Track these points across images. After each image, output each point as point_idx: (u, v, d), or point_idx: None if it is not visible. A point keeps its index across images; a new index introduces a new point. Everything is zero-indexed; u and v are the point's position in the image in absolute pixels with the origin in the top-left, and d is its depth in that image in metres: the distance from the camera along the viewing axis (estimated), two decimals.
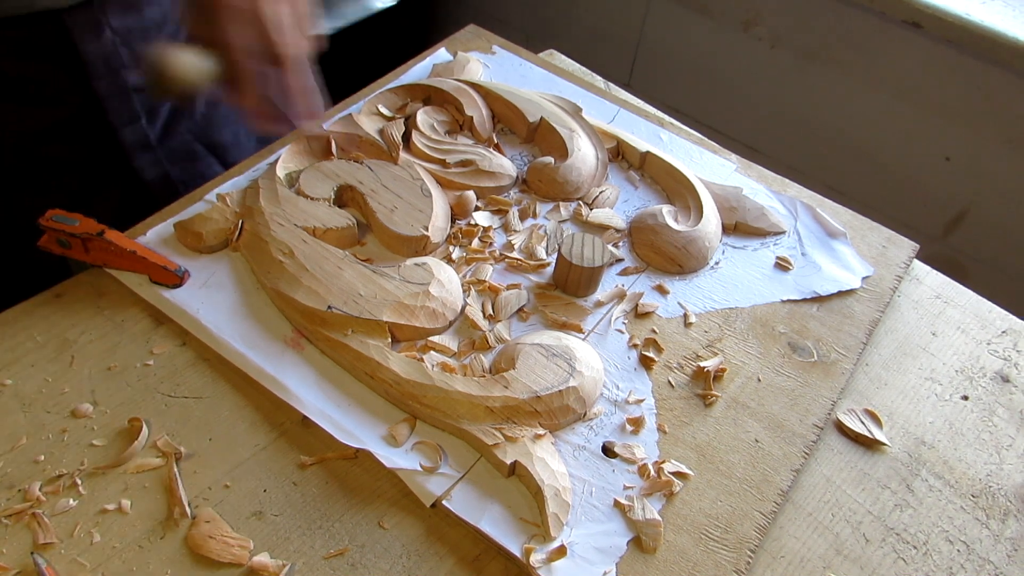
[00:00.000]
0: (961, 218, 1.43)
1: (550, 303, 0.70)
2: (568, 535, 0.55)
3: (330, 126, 0.82)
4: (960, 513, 0.62)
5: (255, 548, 0.53)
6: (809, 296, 0.74)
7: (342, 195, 0.76)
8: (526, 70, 0.95)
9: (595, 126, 0.86)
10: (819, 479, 0.63)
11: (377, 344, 0.63)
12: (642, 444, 0.61)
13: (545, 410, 0.60)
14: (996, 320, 0.76)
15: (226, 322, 0.65)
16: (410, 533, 0.55)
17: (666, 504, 0.58)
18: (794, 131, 1.56)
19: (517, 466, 0.57)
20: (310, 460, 0.58)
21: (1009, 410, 0.69)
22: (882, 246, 0.79)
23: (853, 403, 0.68)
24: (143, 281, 0.67)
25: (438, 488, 0.57)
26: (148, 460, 0.57)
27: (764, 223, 0.79)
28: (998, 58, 1.24)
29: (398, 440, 0.59)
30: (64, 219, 0.66)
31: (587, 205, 0.79)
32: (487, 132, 0.85)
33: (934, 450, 0.65)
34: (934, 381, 0.71)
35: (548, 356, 0.63)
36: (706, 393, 0.65)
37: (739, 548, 0.56)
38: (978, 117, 1.32)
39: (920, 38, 1.31)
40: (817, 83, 1.48)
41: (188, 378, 0.62)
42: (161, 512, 0.55)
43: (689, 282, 0.74)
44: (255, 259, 0.69)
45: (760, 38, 1.51)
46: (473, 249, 0.73)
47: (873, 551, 0.59)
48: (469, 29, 1.01)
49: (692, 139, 0.89)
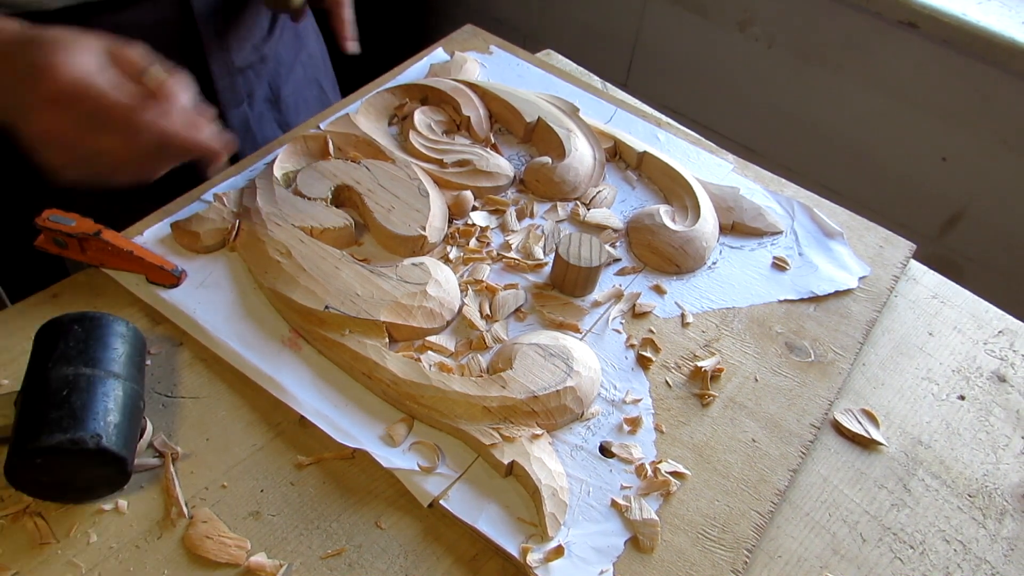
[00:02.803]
0: (957, 218, 1.43)
1: (547, 303, 0.70)
2: (565, 535, 0.55)
3: (327, 126, 0.82)
4: (957, 513, 0.62)
5: (252, 548, 0.53)
6: (806, 296, 0.74)
7: (339, 195, 0.75)
8: (523, 70, 0.95)
9: (592, 126, 0.86)
10: (816, 479, 0.63)
11: (374, 344, 0.63)
12: (639, 444, 0.61)
13: (542, 410, 0.60)
14: (992, 320, 0.76)
15: (223, 322, 0.65)
16: (407, 533, 0.55)
17: (663, 504, 0.58)
18: (791, 131, 1.56)
19: (514, 466, 0.57)
20: (307, 460, 0.58)
21: (1005, 410, 0.69)
22: (879, 246, 0.80)
23: (850, 403, 0.68)
24: (140, 281, 0.67)
25: (435, 488, 0.57)
26: (145, 460, 0.57)
27: (761, 223, 0.79)
28: (994, 58, 1.24)
29: (395, 440, 0.59)
30: (61, 219, 0.66)
31: (584, 205, 0.79)
32: (484, 132, 0.85)
33: (931, 450, 0.66)
34: (931, 381, 0.71)
35: (545, 356, 0.63)
36: (703, 393, 0.65)
37: (736, 548, 0.56)
38: (974, 117, 1.33)
39: (916, 38, 1.31)
40: (814, 83, 1.48)
41: (185, 378, 0.62)
42: (158, 512, 0.54)
43: (686, 282, 0.74)
44: (252, 259, 0.69)
45: (756, 38, 1.51)
46: (470, 249, 0.73)
47: (870, 551, 0.59)
48: (466, 29, 1.01)
49: (689, 139, 0.89)
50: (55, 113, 0.52)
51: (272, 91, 0.94)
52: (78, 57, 0.52)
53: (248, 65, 0.89)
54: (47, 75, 0.50)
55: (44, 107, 0.52)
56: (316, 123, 0.83)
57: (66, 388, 0.51)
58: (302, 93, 0.99)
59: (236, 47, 0.86)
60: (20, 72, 0.51)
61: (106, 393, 0.52)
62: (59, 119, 0.52)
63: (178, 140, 0.56)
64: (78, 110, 0.52)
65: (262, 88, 0.92)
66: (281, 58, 0.94)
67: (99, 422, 0.50)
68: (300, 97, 0.98)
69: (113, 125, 0.53)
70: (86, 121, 0.53)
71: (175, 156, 0.58)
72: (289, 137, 0.80)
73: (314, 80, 1.02)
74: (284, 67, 0.95)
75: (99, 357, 0.53)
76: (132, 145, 0.54)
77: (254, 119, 0.91)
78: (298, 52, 0.97)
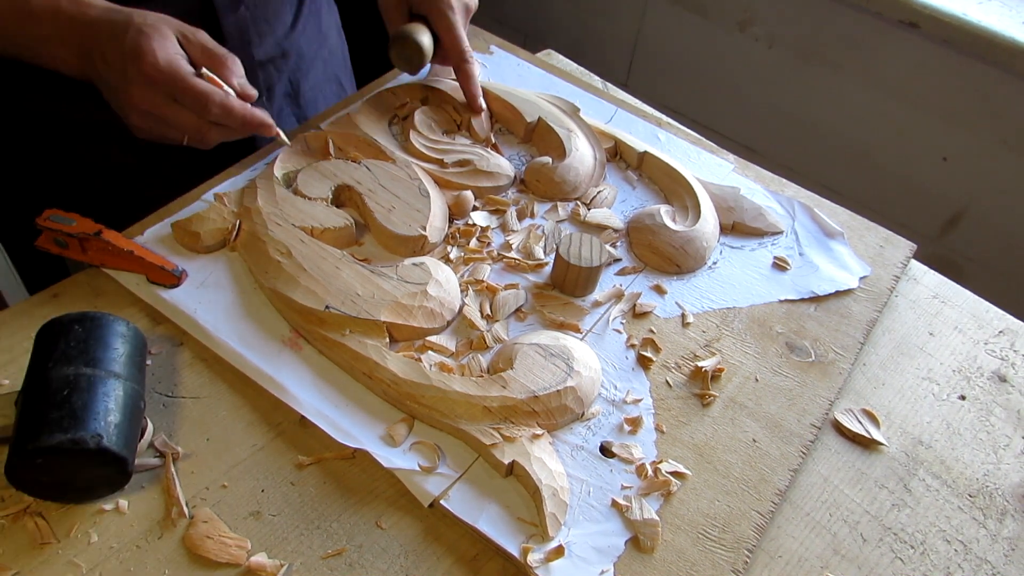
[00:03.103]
0: (958, 218, 1.43)
1: (548, 303, 0.70)
2: (566, 535, 0.55)
3: (328, 126, 0.82)
4: (957, 513, 0.62)
5: (253, 548, 0.53)
6: (807, 296, 0.74)
7: (340, 195, 0.76)
8: (524, 70, 0.95)
9: (593, 126, 0.86)
10: (817, 479, 0.63)
11: (375, 344, 0.63)
12: (640, 444, 0.61)
13: (543, 410, 0.60)
14: (993, 320, 0.76)
15: (224, 322, 0.65)
16: (408, 533, 0.55)
17: (664, 504, 0.58)
18: (791, 131, 1.56)
19: (515, 466, 0.57)
20: (308, 460, 0.58)
21: (1006, 410, 0.69)
22: (879, 246, 0.79)
23: (851, 403, 0.68)
24: (140, 281, 0.67)
25: (436, 488, 0.57)
26: (145, 460, 0.57)
27: (762, 223, 0.79)
28: (995, 58, 1.24)
29: (396, 440, 0.59)
30: (61, 219, 0.66)
31: (585, 205, 0.79)
32: (485, 132, 0.85)
33: (931, 450, 0.66)
34: (931, 381, 0.71)
35: (546, 356, 0.63)
36: (704, 393, 0.65)
37: (737, 548, 0.56)
38: (975, 117, 1.33)
39: (917, 38, 1.31)
40: (814, 83, 1.48)
41: (186, 378, 0.62)
42: (159, 512, 0.54)
43: (687, 282, 0.74)
44: (253, 259, 0.69)
45: (757, 38, 1.51)
46: (471, 249, 0.73)
47: (871, 551, 0.59)
48: (467, 29, 1.01)
49: (689, 139, 0.89)
50: (147, 89, 0.64)
51: (292, 86, 0.94)
52: (166, 43, 0.64)
53: (269, 59, 0.89)
54: (145, 58, 0.63)
55: (140, 82, 0.63)
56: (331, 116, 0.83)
57: (67, 388, 0.51)
58: (322, 89, 0.99)
59: (257, 41, 0.86)
60: (123, 51, 0.63)
61: (107, 393, 0.52)
62: (150, 94, 0.64)
63: (236, 117, 0.67)
64: (165, 90, 0.64)
65: (282, 83, 0.92)
66: (303, 53, 0.94)
67: (100, 422, 0.50)
68: (320, 92, 0.99)
69: (190, 103, 0.65)
70: (169, 98, 0.65)
71: (232, 131, 0.69)
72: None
73: (334, 76, 1.02)
74: (305, 62, 0.95)
75: (100, 357, 0.53)
76: (201, 120, 0.67)
77: (273, 114, 0.91)
78: (320, 48, 0.98)
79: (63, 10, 0.65)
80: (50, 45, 0.66)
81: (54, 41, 0.66)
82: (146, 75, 0.63)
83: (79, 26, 0.65)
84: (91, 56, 0.65)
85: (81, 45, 0.65)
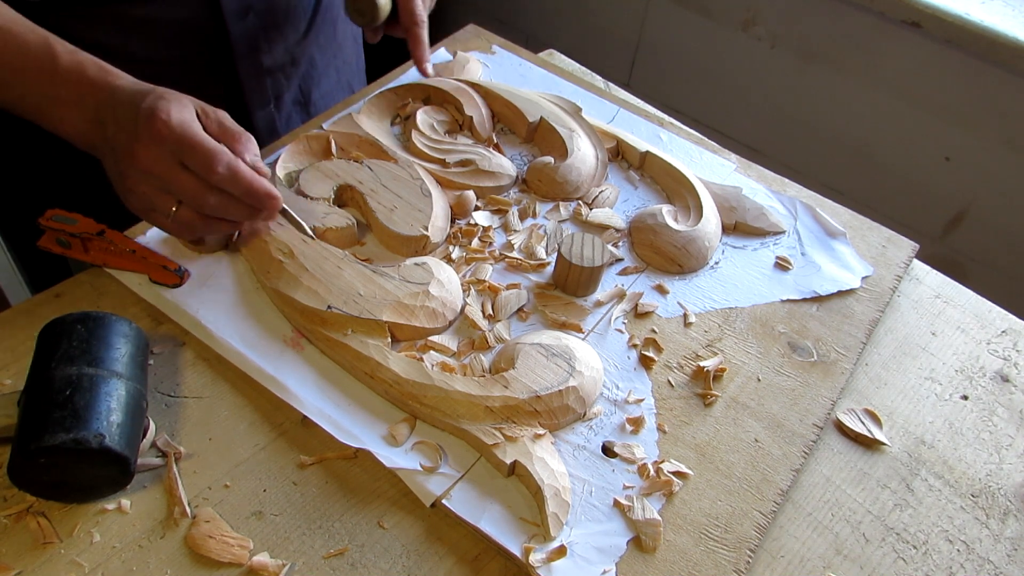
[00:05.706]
0: (960, 218, 1.43)
1: (550, 303, 0.70)
2: (568, 535, 0.55)
3: (330, 126, 0.82)
4: (960, 513, 0.62)
5: (255, 548, 0.53)
6: (809, 296, 0.74)
7: (342, 195, 0.76)
8: (526, 70, 0.95)
9: (595, 126, 0.86)
10: (819, 479, 0.63)
11: (377, 344, 0.63)
12: (642, 444, 0.61)
13: (545, 410, 0.60)
14: (996, 320, 0.76)
15: (226, 322, 0.65)
16: (410, 533, 0.55)
17: (666, 504, 0.58)
18: (793, 131, 1.56)
19: (517, 466, 0.57)
20: (310, 460, 0.58)
21: (1009, 410, 0.69)
22: (882, 246, 0.79)
23: (853, 403, 0.68)
24: (143, 281, 0.67)
25: (438, 488, 0.57)
26: (148, 460, 0.57)
27: (764, 223, 0.79)
28: (997, 58, 1.24)
29: (398, 440, 0.59)
30: (64, 219, 0.66)
31: (587, 205, 0.79)
32: (487, 132, 0.85)
33: (934, 450, 0.65)
34: (934, 381, 0.71)
35: (548, 356, 0.63)
36: (706, 393, 0.65)
37: (739, 548, 0.56)
38: (978, 117, 1.32)
39: (920, 38, 1.31)
40: (816, 83, 1.48)
41: (188, 378, 0.62)
42: (161, 512, 0.55)
43: (689, 282, 0.74)
44: (255, 259, 0.69)
45: (759, 38, 1.51)
46: (473, 249, 0.73)
47: (873, 551, 0.59)
48: (469, 29, 1.01)
49: (691, 139, 0.89)
50: (153, 146, 0.60)
51: (303, 94, 0.94)
52: (184, 109, 0.62)
53: (278, 67, 0.89)
54: (158, 116, 0.60)
55: (147, 140, 0.60)
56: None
57: (69, 388, 0.51)
58: (334, 97, 0.99)
59: (267, 48, 0.86)
60: (137, 112, 0.60)
61: (109, 393, 0.52)
62: (155, 151, 0.60)
63: (242, 182, 0.62)
64: (172, 149, 0.60)
65: (291, 90, 0.92)
66: (314, 61, 0.94)
67: (102, 422, 0.50)
68: (332, 101, 0.98)
69: (197, 162, 0.60)
70: (175, 160, 0.61)
71: (232, 202, 0.63)
72: (290, 138, 0.81)
73: (347, 85, 1.02)
74: (317, 70, 0.95)
75: (102, 357, 0.53)
76: (202, 184, 0.61)
77: (281, 121, 0.91)
78: (334, 57, 0.97)
79: (88, 74, 0.64)
80: (63, 107, 0.64)
81: (70, 103, 0.64)
82: (156, 132, 0.60)
83: (101, 91, 0.63)
84: (104, 121, 0.63)
85: (97, 110, 0.63)
